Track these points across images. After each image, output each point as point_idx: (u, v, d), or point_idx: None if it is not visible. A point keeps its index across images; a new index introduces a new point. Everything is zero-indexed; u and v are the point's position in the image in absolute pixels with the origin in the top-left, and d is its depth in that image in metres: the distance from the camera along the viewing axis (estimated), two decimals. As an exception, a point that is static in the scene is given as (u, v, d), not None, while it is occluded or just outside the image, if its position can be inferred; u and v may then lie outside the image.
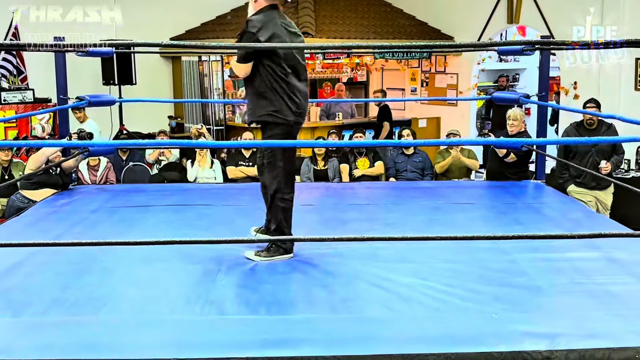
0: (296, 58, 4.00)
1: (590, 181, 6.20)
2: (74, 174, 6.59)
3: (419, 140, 6.76)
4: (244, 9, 11.56)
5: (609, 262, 3.78)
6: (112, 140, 9.81)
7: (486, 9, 10.93)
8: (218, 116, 10.97)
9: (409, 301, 3.23)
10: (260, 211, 4.52)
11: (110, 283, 3.46)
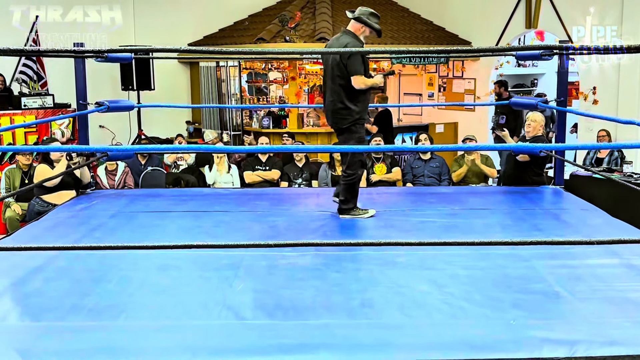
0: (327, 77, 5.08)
1: None
2: (93, 178, 6.65)
3: (436, 146, 6.76)
4: (262, 15, 11.63)
5: (629, 268, 3.74)
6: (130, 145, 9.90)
7: (504, 14, 10.88)
8: (235, 121, 11.02)
9: (427, 307, 3.22)
10: (274, 217, 4.53)
11: (128, 290, 3.48)
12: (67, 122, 9.33)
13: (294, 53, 8.31)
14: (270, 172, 8.14)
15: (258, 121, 10.81)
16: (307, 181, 8.08)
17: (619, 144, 6.31)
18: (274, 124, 10.66)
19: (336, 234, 4.57)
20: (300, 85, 11.00)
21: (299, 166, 8.17)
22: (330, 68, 4.92)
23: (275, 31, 10.47)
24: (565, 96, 5.96)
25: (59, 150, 6.50)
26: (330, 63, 4.93)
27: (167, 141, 10.43)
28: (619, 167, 8.55)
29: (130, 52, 5.64)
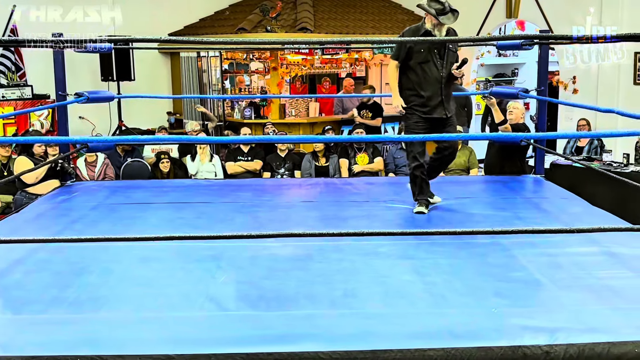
0: None
1: None
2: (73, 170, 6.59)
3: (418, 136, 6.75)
4: (242, 5, 11.56)
5: (608, 256, 3.78)
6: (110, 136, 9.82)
7: (485, 4, 10.91)
8: (217, 112, 10.96)
9: (409, 297, 3.23)
10: (256, 208, 4.51)
11: (110, 282, 3.46)
12: (47, 113, 9.24)
13: (276, 43, 8.29)
14: (253, 162, 8.12)
15: (240, 112, 10.76)
16: (290, 171, 8.08)
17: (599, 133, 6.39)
18: (256, 115, 10.63)
19: (319, 225, 4.57)
20: (282, 76, 10.96)
21: (281, 156, 8.16)
22: None
23: (256, 21, 10.41)
24: (546, 85, 5.99)
25: (37, 142, 6.44)
26: None
27: (147, 132, 10.35)
28: (598, 155, 8.64)
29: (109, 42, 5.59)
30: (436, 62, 4.73)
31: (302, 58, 10.99)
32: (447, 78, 4.78)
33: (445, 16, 4.61)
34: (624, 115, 3.85)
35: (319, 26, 10.49)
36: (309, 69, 11.22)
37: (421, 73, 4.72)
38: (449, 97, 4.84)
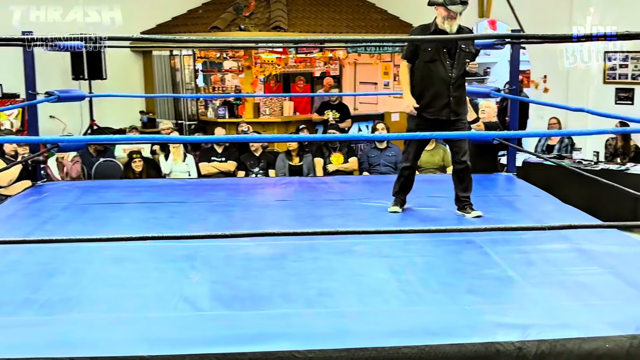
0: None
1: None
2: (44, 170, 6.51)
3: (393, 134, 6.80)
4: (216, 3, 11.51)
5: (579, 253, 3.83)
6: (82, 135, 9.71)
7: (457, 3, 10.96)
8: (191, 111, 10.90)
9: (384, 295, 3.24)
10: (230, 207, 4.49)
11: (82, 283, 3.42)
12: (16, 112, 9.10)
13: (250, 42, 8.26)
14: (227, 163, 8.08)
15: (213, 111, 10.71)
16: (264, 170, 8.06)
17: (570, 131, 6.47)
18: (230, 114, 10.58)
19: (294, 224, 4.56)
20: (255, 75, 10.93)
21: (255, 155, 8.14)
22: None
23: (229, 20, 10.38)
24: (517, 84, 6.06)
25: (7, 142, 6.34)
26: None
27: (120, 132, 10.26)
28: (569, 154, 8.77)
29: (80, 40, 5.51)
30: (444, 62, 4.53)
31: (276, 57, 10.98)
32: (458, 79, 4.57)
33: (454, 6, 4.41)
34: (593, 114, 3.92)
35: (293, 25, 10.48)
36: (283, 67, 11.21)
37: (427, 72, 4.55)
38: (459, 99, 4.62)
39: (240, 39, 9.45)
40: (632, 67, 9.31)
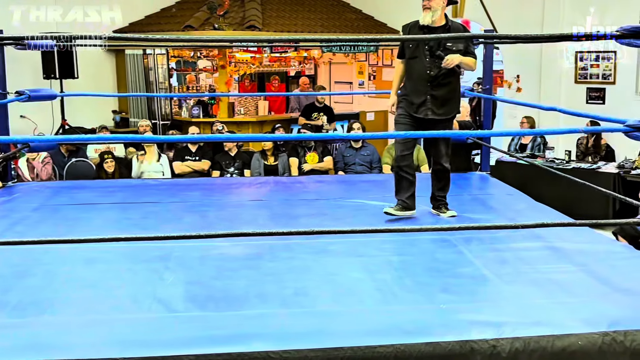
0: None
1: None
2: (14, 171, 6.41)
3: (368, 134, 6.80)
4: (189, 2, 11.43)
5: (552, 251, 3.87)
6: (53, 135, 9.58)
7: (431, 3, 11.02)
8: (164, 110, 10.82)
9: (359, 294, 3.25)
10: (205, 207, 4.46)
11: (53, 285, 3.37)
12: (-14, 112, 8.93)
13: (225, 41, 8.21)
14: (201, 162, 8.04)
15: (187, 110, 10.64)
16: (239, 170, 8.02)
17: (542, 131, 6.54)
18: (204, 113, 10.52)
19: (269, 224, 4.55)
20: (230, 74, 10.89)
21: (230, 155, 8.10)
22: None
23: (203, 18, 10.32)
24: (491, 84, 6.11)
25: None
26: None
27: (92, 132, 10.14)
28: (541, 152, 8.87)
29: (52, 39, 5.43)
30: (424, 59, 4.44)
31: (250, 56, 10.95)
32: (438, 77, 4.43)
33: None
34: (565, 113, 3.96)
35: (267, 24, 10.46)
36: (258, 67, 11.18)
37: (409, 69, 4.53)
38: (441, 99, 4.47)
39: (214, 38, 9.40)
40: (603, 67, 9.44)
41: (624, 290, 3.24)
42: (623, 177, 7.67)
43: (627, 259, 3.77)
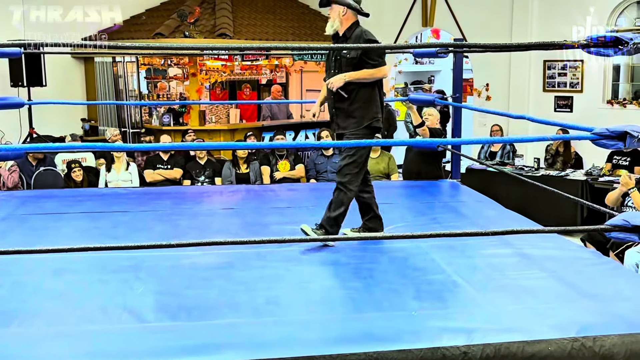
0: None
1: None
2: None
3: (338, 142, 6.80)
4: (159, 9, 11.36)
5: (521, 257, 3.92)
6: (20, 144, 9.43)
7: (401, 13, 11.14)
8: (134, 118, 10.72)
9: (330, 302, 3.25)
10: (176, 216, 4.42)
11: (21, 295, 3.31)
12: (-49, 120, 8.78)
13: (195, 48, 8.16)
14: (172, 171, 7.98)
15: (158, 118, 10.56)
16: (210, 179, 7.99)
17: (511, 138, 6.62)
18: (175, 121, 10.45)
19: (240, 232, 4.53)
20: (201, 82, 10.83)
21: (201, 164, 8.06)
22: None
23: (174, 26, 10.26)
24: (461, 92, 6.17)
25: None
26: None
27: (60, 140, 10.01)
28: (511, 160, 8.98)
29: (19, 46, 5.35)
30: (329, 71, 4.27)
31: (221, 64, 10.90)
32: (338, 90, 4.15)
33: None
34: (534, 121, 4.01)
35: (239, 32, 10.44)
36: (229, 75, 11.14)
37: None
38: (345, 111, 4.18)
39: (185, 45, 9.35)
40: (570, 76, 9.60)
41: (593, 295, 3.29)
42: (591, 184, 7.80)
43: (595, 265, 3.83)
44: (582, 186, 7.80)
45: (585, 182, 7.82)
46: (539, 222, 4.78)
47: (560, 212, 7.63)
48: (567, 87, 9.62)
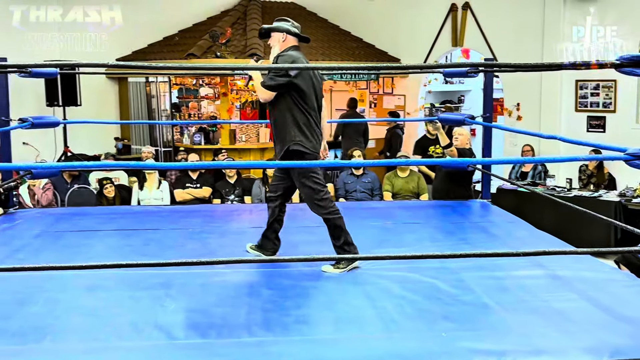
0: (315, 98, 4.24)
1: None
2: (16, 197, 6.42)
3: (368, 161, 6.83)
4: (192, 30, 11.54)
5: (553, 279, 3.87)
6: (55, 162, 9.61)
7: (431, 33, 11.16)
8: (166, 137, 10.87)
9: (360, 322, 3.24)
10: (206, 234, 4.46)
11: (54, 312, 3.37)
12: (-11, 139, 8.98)
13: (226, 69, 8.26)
14: (202, 189, 8.05)
15: (189, 137, 10.69)
16: (240, 197, 8.04)
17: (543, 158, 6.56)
18: (206, 140, 10.57)
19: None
20: (232, 101, 10.95)
21: (231, 182, 8.12)
22: (318, 88, 4.34)
23: (205, 47, 10.41)
24: (491, 112, 6.14)
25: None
26: (319, 82, 4.38)
27: (94, 158, 10.18)
28: (542, 180, 8.88)
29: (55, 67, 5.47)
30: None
31: (252, 84, 11.01)
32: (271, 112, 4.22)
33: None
34: (566, 141, 3.98)
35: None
36: (260, 94, 11.25)
37: None
38: (277, 138, 4.20)
39: (216, 65, 9.47)
40: (603, 96, 9.50)
41: (626, 318, 3.23)
42: (624, 205, 7.68)
43: (629, 287, 3.76)
44: (616, 207, 7.68)
45: (619, 203, 7.70)
46: (572, 243, 4.72)
47: (594, 233, 7.52)
48: (600, 107, 9.51)
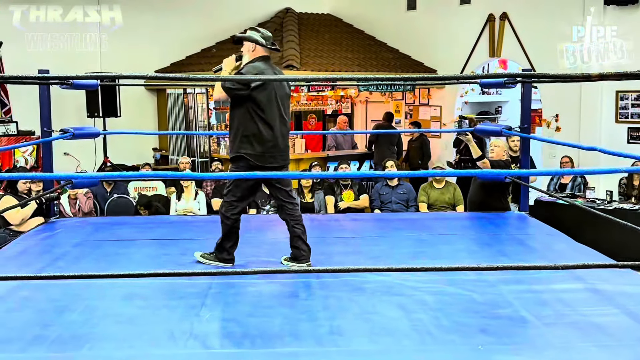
0: (275, 111, 4.38)
1: None
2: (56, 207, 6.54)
3: (404, 172, 6.80)
4: (229, 42, 11.64)
5: (593, 293, 3.79)
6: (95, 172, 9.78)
7: (468, 43, 11.09)
8: (203, 148, 10.98)
9: (395, 334, 3.22)
10: (241, 244, 4.50)
11: (92, 320, 3.42)
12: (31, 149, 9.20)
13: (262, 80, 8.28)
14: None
15: (226, 148, 10.78)
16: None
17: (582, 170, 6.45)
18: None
19: (304, 261, 4.54)
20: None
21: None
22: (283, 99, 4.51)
23: (242, 59, 10.50)
24: (529, 123, 6.07)
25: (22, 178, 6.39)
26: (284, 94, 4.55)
27: (133, 169, 10.33)
28: (582, 192, 8.72)
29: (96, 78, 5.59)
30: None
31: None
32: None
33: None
34: (606, 153, 3.91)
35: (305, 64, 10.60)
36: (295, 105, 11.30)
37: None
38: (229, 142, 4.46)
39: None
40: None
41: (669, 334, 3.15)
42: (667, 218, 7.49)
43: (672, 302, 3.67)
44: (658, 220, 7.50)
45: (661, 216, 7.52)
46: (612, 256, 4.62)
47: (635, 247, 7.34)
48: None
